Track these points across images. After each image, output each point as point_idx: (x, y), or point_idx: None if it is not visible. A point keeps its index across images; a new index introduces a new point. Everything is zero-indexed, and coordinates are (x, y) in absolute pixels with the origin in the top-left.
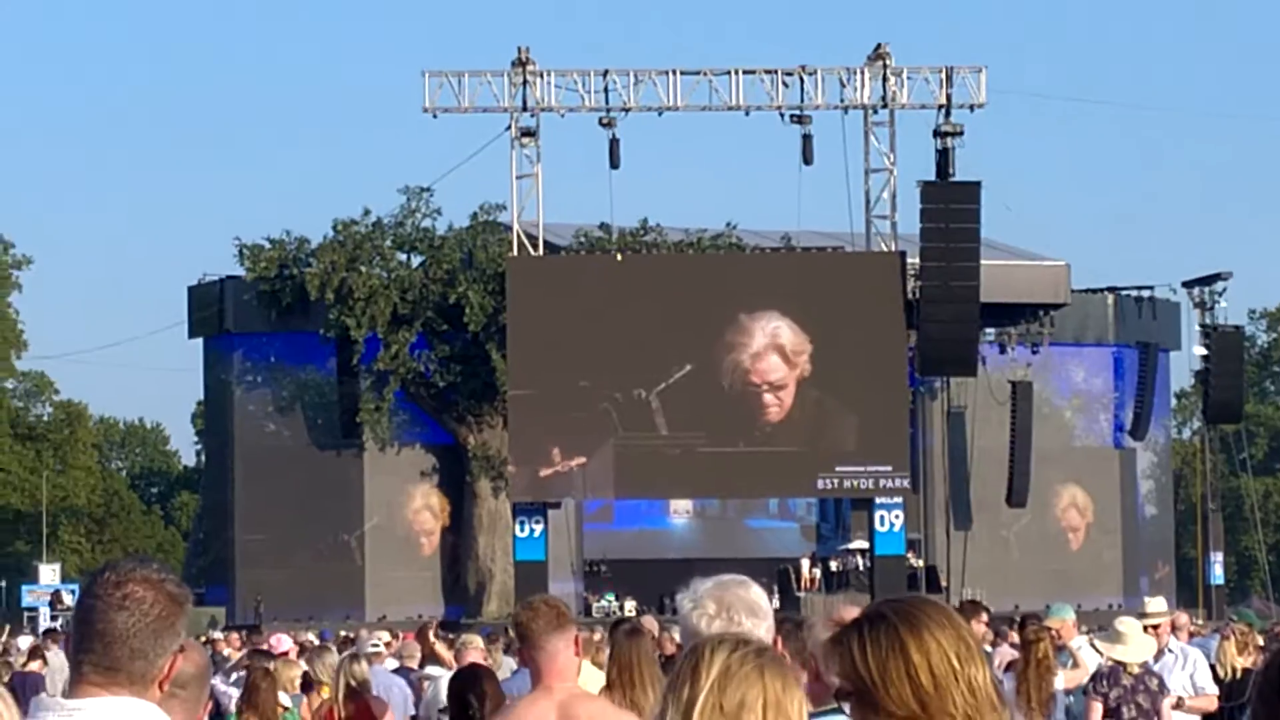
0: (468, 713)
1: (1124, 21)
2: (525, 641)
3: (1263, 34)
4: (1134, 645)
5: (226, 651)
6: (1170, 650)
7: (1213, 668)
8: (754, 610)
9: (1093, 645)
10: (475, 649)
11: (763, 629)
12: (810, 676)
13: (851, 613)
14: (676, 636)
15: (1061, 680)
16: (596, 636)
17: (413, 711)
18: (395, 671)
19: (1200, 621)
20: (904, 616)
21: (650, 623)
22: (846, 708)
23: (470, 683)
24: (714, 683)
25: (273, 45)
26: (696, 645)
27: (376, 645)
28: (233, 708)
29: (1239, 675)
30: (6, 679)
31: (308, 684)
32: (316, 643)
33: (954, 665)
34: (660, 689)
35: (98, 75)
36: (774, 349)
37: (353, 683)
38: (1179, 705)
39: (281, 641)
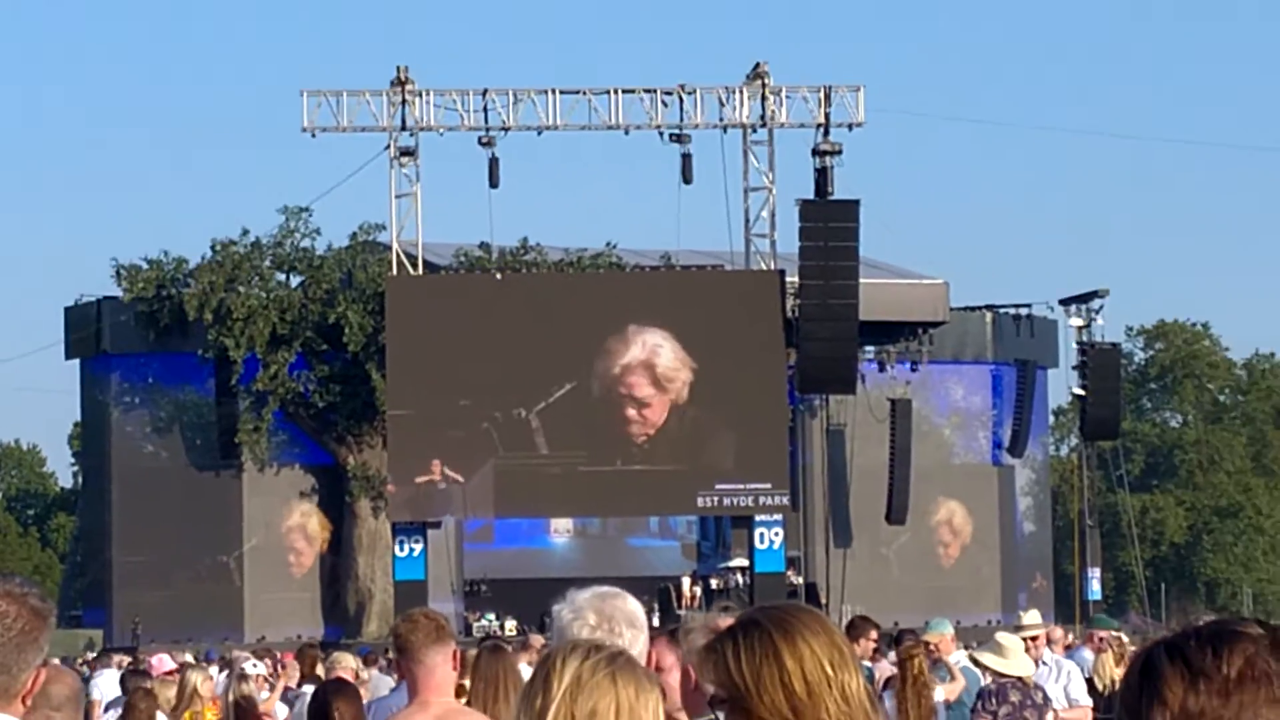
0: None
1: (1001, 40)
2: (404, 654)
3: (1139, 51)
4: (1016, 659)
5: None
6: (1045, 662)
7: (1090, 680)
8: (633, 621)
9: (972, 660)
10: (345, 667)
11: (640, 640)
12: (691, 685)
13: (728, 621)
14: None
15: (940, 693)
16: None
17: None
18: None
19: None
20: (778, 623)
21: (536, 640)
22: (720, 716)
23: (330, 698)
24: (566, 691)
25: (148, 63)
26: (549, 653)
27: (255, 667)
28: None
29: (1117, 686)
30: None
31: (128, 709)
32: (193, 662)
33: (827, 672)
34: None
35: None
36: (646, 368)
37: (242, 701)
38: (1055, 718)
39: (163, 661)
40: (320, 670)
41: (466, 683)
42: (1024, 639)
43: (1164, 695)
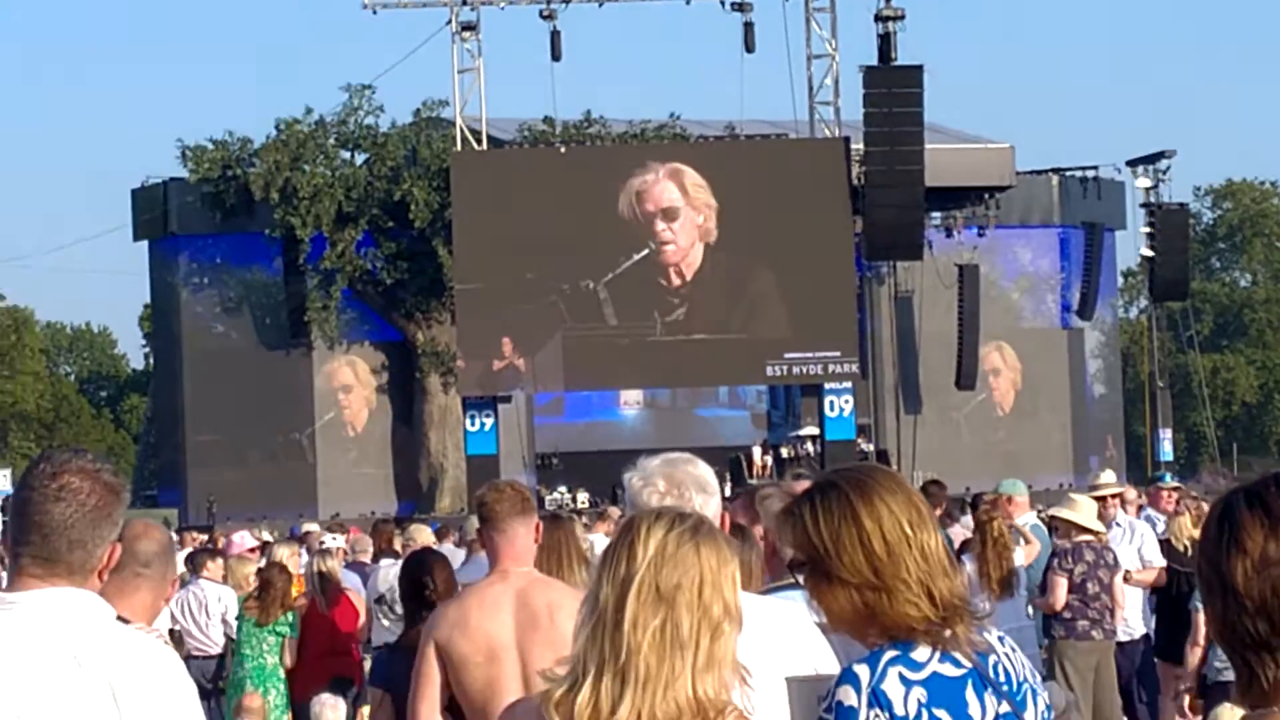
0: (423, 594)
1: None
2: (487, 523)
3: None
4: (1085, 511)
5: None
6: (1118, 524)
7: (1167, 541)
8: (704, 486)
9: (1049, 520)
10: (423, 541)
11: (712, 505)
12: (766, 551)
13: (804, 486)
14: None
15: (1020, 556)
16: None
17: None
18: (348, 567)
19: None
20: (855, 484)
21: (613, 511)
22: (801, 579)
23: (423, 566)
24: (650, 561)
25: None
26: (632, 520)
27: (335, 540)
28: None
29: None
30: None
31: (264, 584)
32: (274, 540)
33: (906, 531)
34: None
35: None
36: (672, 175)
37: (325, 574)
38: (1126, 579)
39: (244, 539)
40: (397, 545)
41: None
42: (1099, 499)
43: (1243, 542)
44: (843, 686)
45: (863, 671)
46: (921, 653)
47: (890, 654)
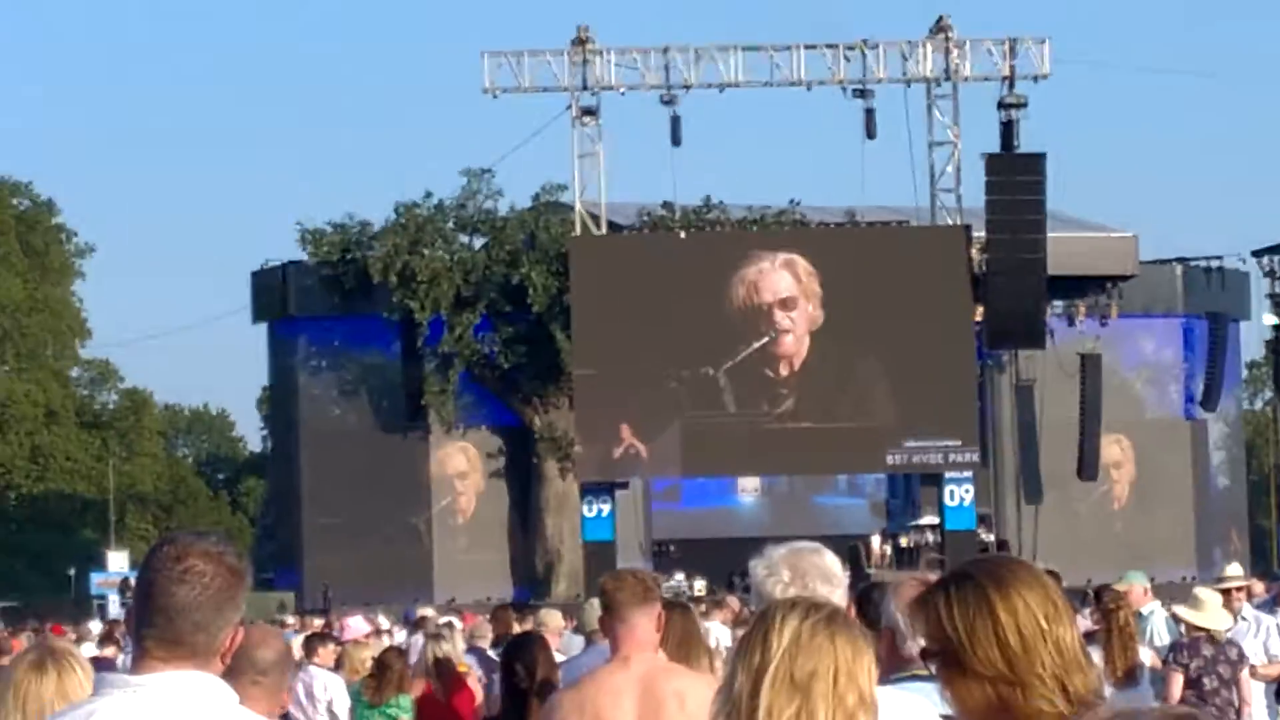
0: (514, 680)
1: None
2: (609, 612)
3: None
4: (1212, 612)
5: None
6: (1244, 618)
7: None
8: (828, 577)
9: (1173, 615)
10: (553, 628)
11: (837, 595)
12: (885, 647)
13: (934, 576)
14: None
15: (1147, 655)
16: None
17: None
18: (467, 651)
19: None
20: (991, 576)
21: (732, 601)
22: (932, 668)
23: (520, 650)
24: (785, 650)
25: (332, 28)
26: (767, 609)
27: (454, 626)
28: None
29: None
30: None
31: (380, 666)
32: (387, 625)
33: (1042, 625)
34: (724, 657)
35: (157, 60)
36: (786, 265)
37: (440, 658)
38: (1251, 673)
39: (359, 624)
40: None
41: None
42: (1224, 591)
43: None
44: None
45: None
46: None
47: None
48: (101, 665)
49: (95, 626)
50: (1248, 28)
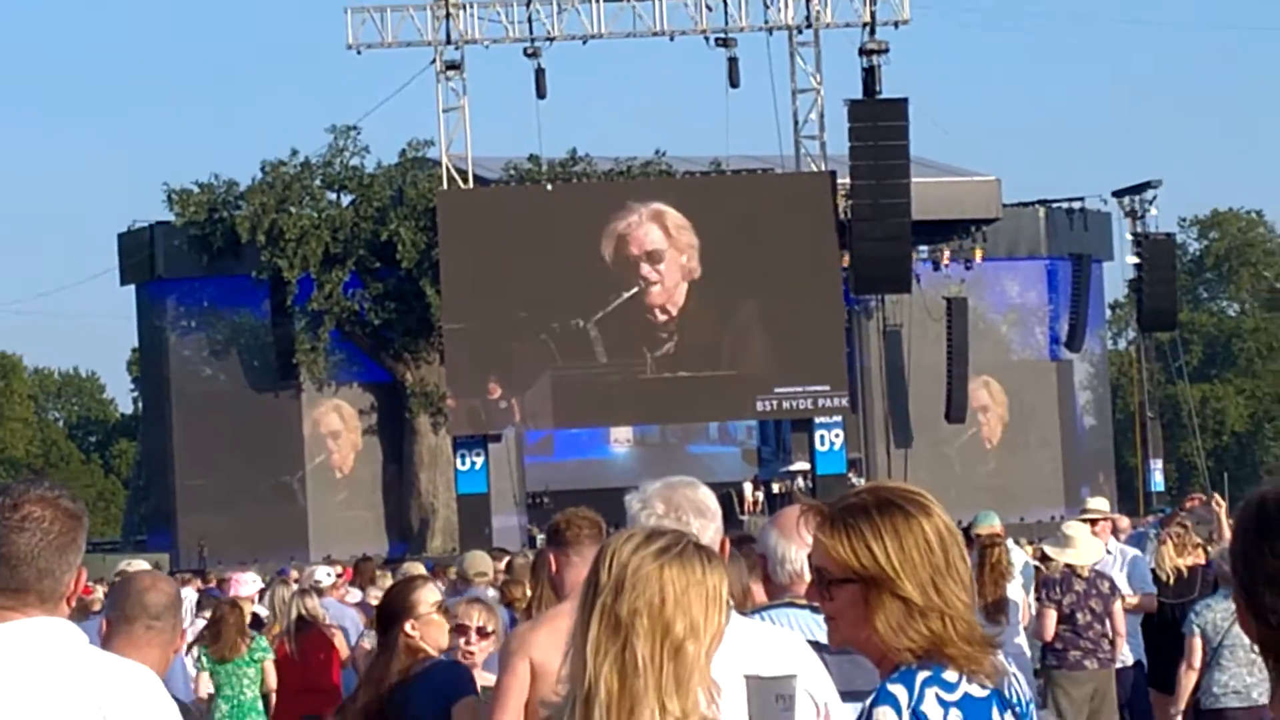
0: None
1: None
2: (562, 547)
3: None
4: (1083, 548)
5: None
6: (1109, 551)
7: (1153, 572)
8: (702, 510)
9: (1042, 553)
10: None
11: (710, 529)
12: (760, 577)
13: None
14: None
15: (1017, 592)
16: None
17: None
18: (358, 605)
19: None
20: (915, 504)
21: None
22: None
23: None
24: (611, 585)
25: None
26: (603, 546)
27: (329, 577)
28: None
29: (1184, 575)
30: None
31: (256, 622)
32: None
33: (960, 551)
34: None
35: (18, 20)
36: (654, 217)
37: (305, 615)
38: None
39: (243, 581)
40: (387, 584)
41: (525, 590)
42: (1090, 522)
43: None
44: (881, 707)
45: (899, 692)
46: (951, 674)
47: (923, 674)
48: None
49: None
50: None
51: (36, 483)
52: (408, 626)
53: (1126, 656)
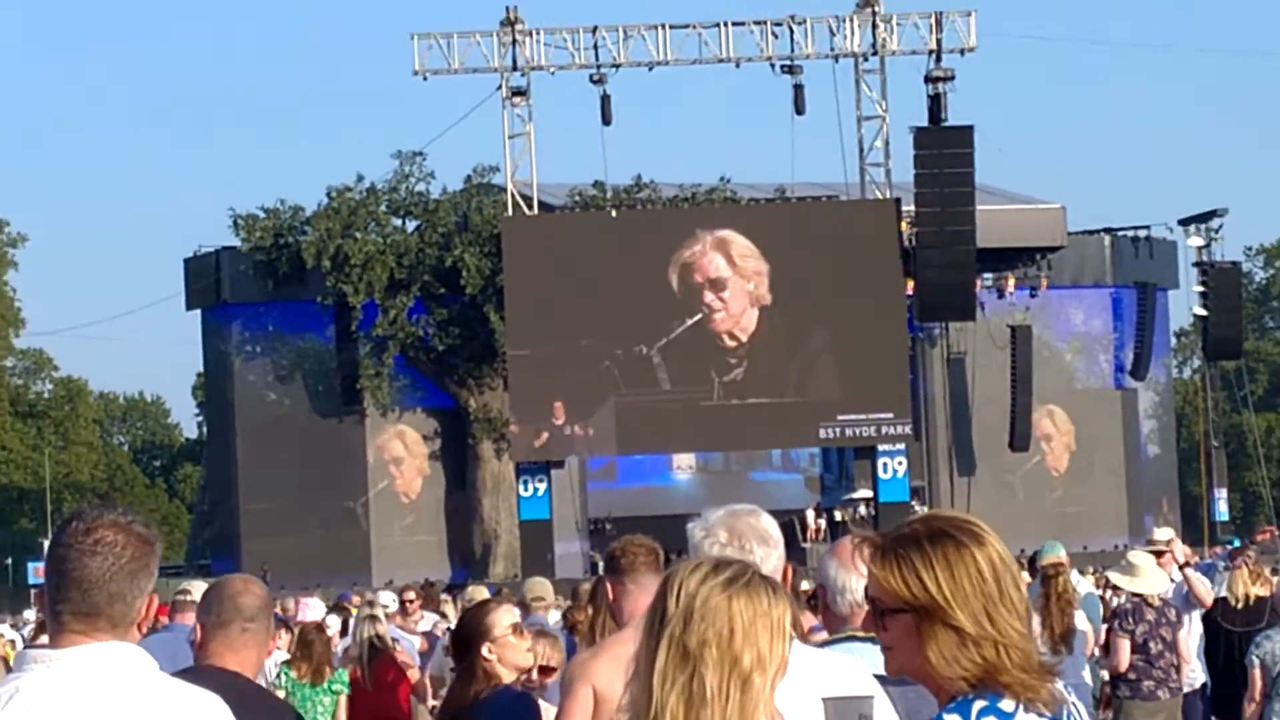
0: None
1: None
2: (619, 575)
3: None
4: (1150, 577)
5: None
6: (1172, 579)
7: (1224, 599)
8: (765, 539)
9: (1108, 582)
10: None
11: (774, 557)
12: (821, 607)
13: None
14: None
15: (1083, 621)
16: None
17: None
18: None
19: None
20: (969, 534)
21: None
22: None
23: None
24: (679, 615)
25: (260, 14)
26: (669, 574)
27: (394, 603)
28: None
29: (1252, 603)
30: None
31: (303, 644)
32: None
33: (1014, 582)
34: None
35: (87, 49)
36: (718, 246)
37: (375, 641)
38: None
39: (309, 606)
40: (449, 609)
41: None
42: (1156, 553)
43: None
44: None
45: None
46: (1008, 703)
47: (979, 704)
48: None
49: (31, 615)
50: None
51: (110, 507)
52: (484, 650)
53: (1194, 681)
